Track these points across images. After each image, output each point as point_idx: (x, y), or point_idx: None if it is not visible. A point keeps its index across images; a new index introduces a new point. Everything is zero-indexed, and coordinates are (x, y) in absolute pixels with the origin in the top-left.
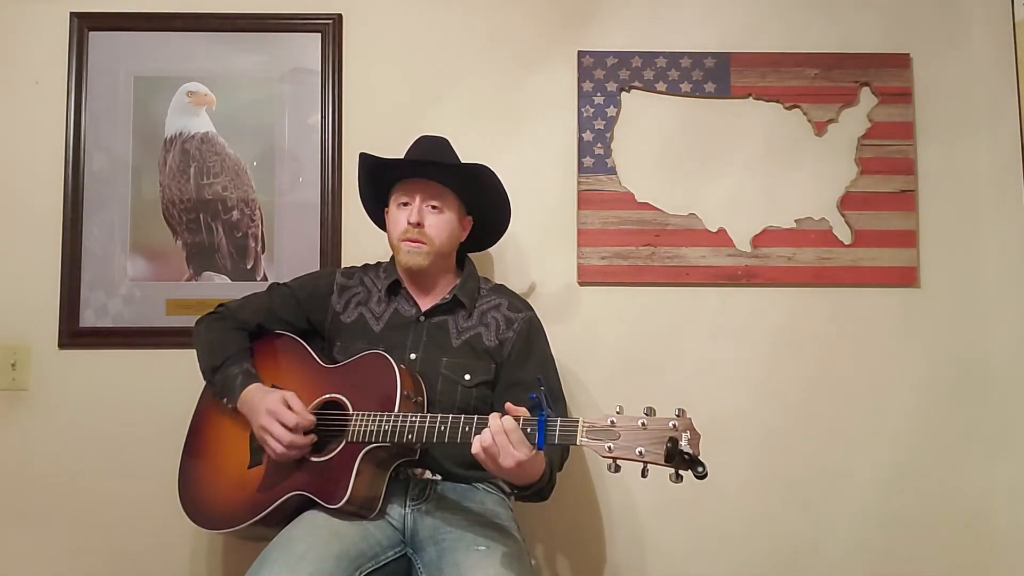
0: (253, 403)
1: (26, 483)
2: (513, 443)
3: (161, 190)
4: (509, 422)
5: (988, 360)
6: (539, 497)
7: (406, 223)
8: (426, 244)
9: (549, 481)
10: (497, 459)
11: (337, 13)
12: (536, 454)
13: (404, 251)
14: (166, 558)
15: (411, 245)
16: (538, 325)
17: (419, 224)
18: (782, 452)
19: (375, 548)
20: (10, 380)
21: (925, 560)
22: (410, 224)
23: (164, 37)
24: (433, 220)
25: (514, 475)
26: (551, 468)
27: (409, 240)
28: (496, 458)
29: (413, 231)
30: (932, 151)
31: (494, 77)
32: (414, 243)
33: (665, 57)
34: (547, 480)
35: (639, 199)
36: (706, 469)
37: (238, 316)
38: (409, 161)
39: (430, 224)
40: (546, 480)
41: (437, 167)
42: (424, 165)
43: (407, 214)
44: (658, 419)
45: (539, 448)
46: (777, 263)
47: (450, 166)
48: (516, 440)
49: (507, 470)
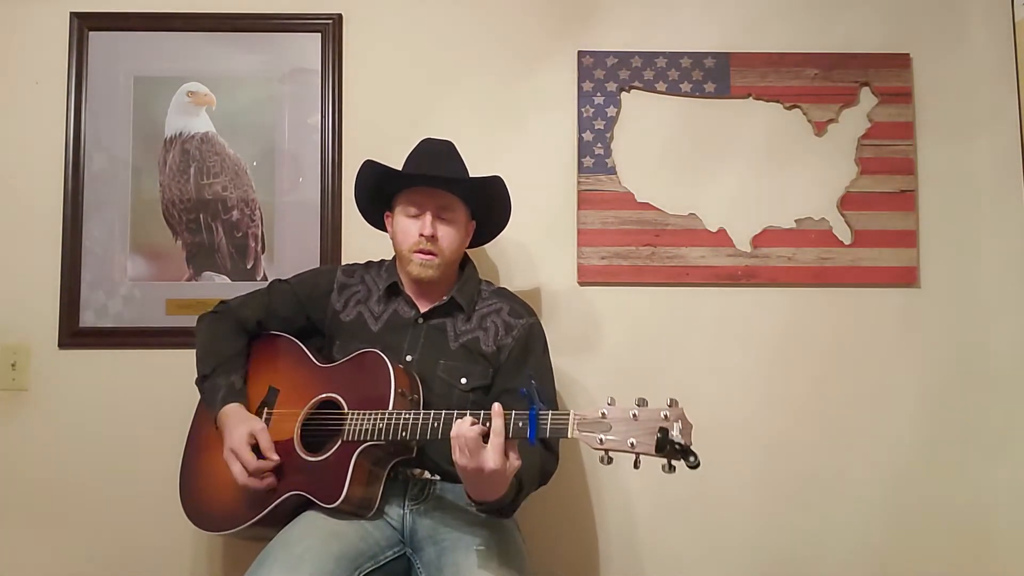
0: (225, 427)
1: (26, 483)
2: (492, 448)
3: (161, 190)
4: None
5: (988, 360)
6: (499, 514)
7: (418, 235)
8: (438, 256)
9: (512, 502)
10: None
11: (337, 13)
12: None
13: (417, 263)
14: (166, 558)
15: (424, 258)
16: (539, 333)
17: (433, 236)
18: (782, 452)
19: (374, 548)
20: (10, 380)
21: (926, 560)
22: (423, 236)
23: (164, 37)
24: (444, 231)
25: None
26: (518, 490)
27: (422, 252)
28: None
29: (426, 243)
30: (932, 151)
31: (494, 77)
32: (427, 255)
33: (665, 57)
34: (508, 501)
35: (639, 199)
36: (698, 459)
37: (238, 314)
38: (424, 176)
39: (442, 235)
40: (508, 500)
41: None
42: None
43: (419, 226)
44: (649, 410)
45: (531, 442)
46: (777, 263)
47: (465, 181)
48: (495, 445)
49: (471, 471)
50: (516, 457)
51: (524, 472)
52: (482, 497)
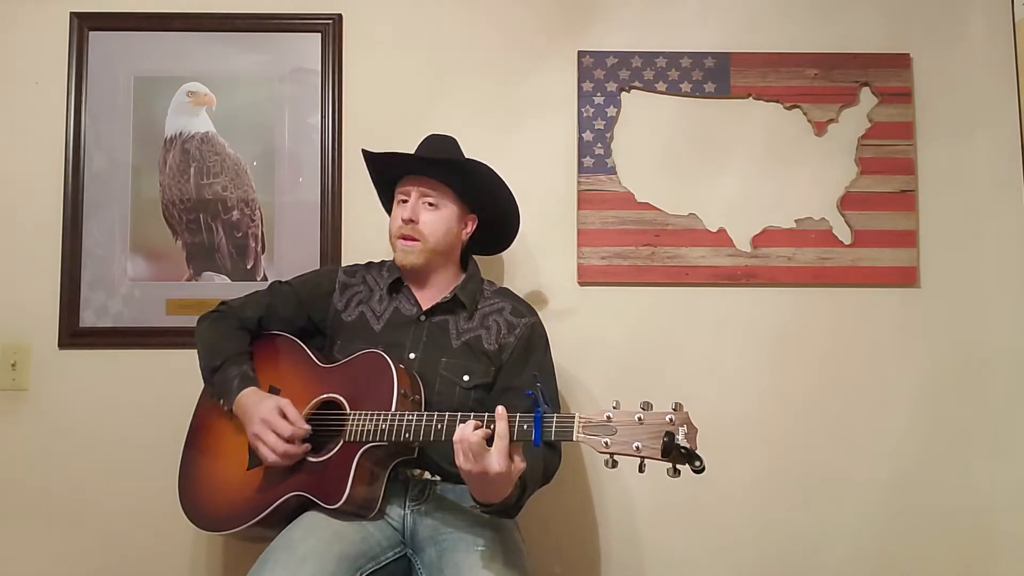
0: (248, 408)
1: (26, 483)
2: (496, 451)
3: (161, 190)
4: (502, 427)
5: (988, 360)
6: (504, 515)
7: (400, 220)
8: (419, 241)
9: (517, 502)
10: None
11: (337, 13)
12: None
13: (399, 249)
14: (166, 559)
15: (404, 243)
16: (541, 332)
17: (412, 220)
18: (782, 452)
19: (375, 549)
20: (10, 380)
21: (925, 559)
22: (403, 221)
23: (164, 37)
24: (428, 217)
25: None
26: (522, 490)
27: (403, 237)
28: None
29: (407, 227)
30: (932, 151)
31: (494, 77)
32: (407, 240)
33: (665, 57)
34: (513, 501)
35: (639, 199)
36: (703, 463)
37: (240, 314)
38: (393, 154)
39: (424, 221)
40: (511, 502)
41: (427, 162)
42: (417, 159)
43: (403, 211)
44: (655, 413)
45: (536, 444)
46: (777, 263)
47: (437, 161)
48: (500, 449)
49: (475, 475)
50: (521, 459)
51: (528, 472)
52: (487, 499)
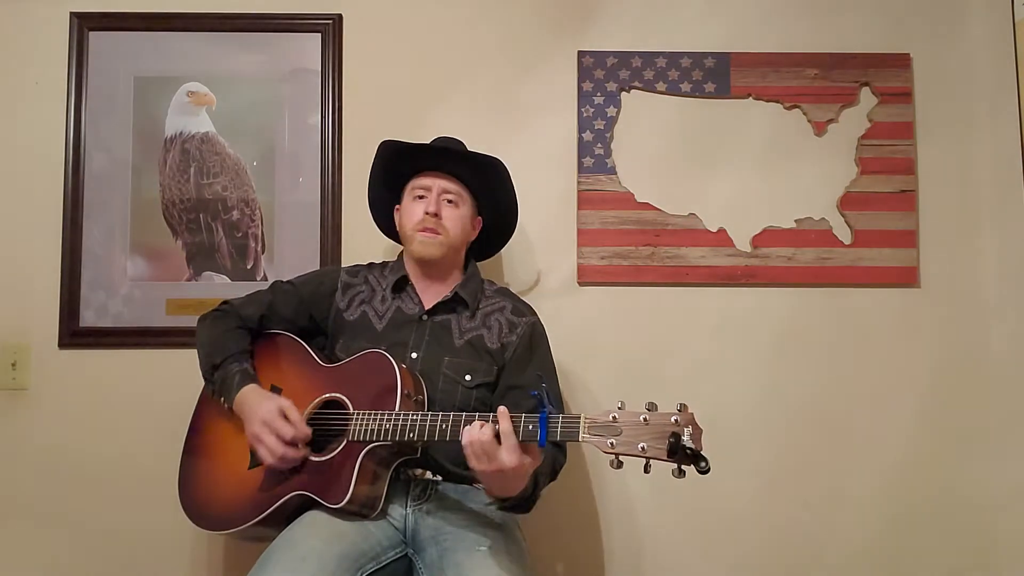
0: (248, 406)
1: (26, 483)
2: (507, 449)
3: (161, 190)
4: (506, 425)
5: (988, 360)
6: (520, 509)
7: (423, 213)
8: (441, 234)
9: (531, 496)
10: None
11: (337, 13)
12: (522, 466)
13: (419, 241)
14: (166, 559)
15: (426, 236)
16: (541, 331)
17: (436, 214)
18: (782, 452)
19: (376, 548)
20: (10, 380)
21: (926, 559)
22: (427, 214)
23: (164, 37)
24: (449, 213)
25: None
26: (535, 484)
27: (425, 230)
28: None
29: (430, 220)
30: (932, 151)
31: (494, 77)
32: (430, 233)
33: (665, 57)
34: (529, 494)
35: (639, 199)
36: (709, 464)
37: (241, 313)
38: (432, 147)
39: (447, 216)
40: (528, 494)
41: (460, 155)
42: (448, 152)
43: (424, 205)
44: (660, 414)
45: (541, 445)
46: (777, 263)
47: (474, 155)
48: (509, 446)
49: (491, 473)
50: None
51: (538, 466)
52: (504, 494)
